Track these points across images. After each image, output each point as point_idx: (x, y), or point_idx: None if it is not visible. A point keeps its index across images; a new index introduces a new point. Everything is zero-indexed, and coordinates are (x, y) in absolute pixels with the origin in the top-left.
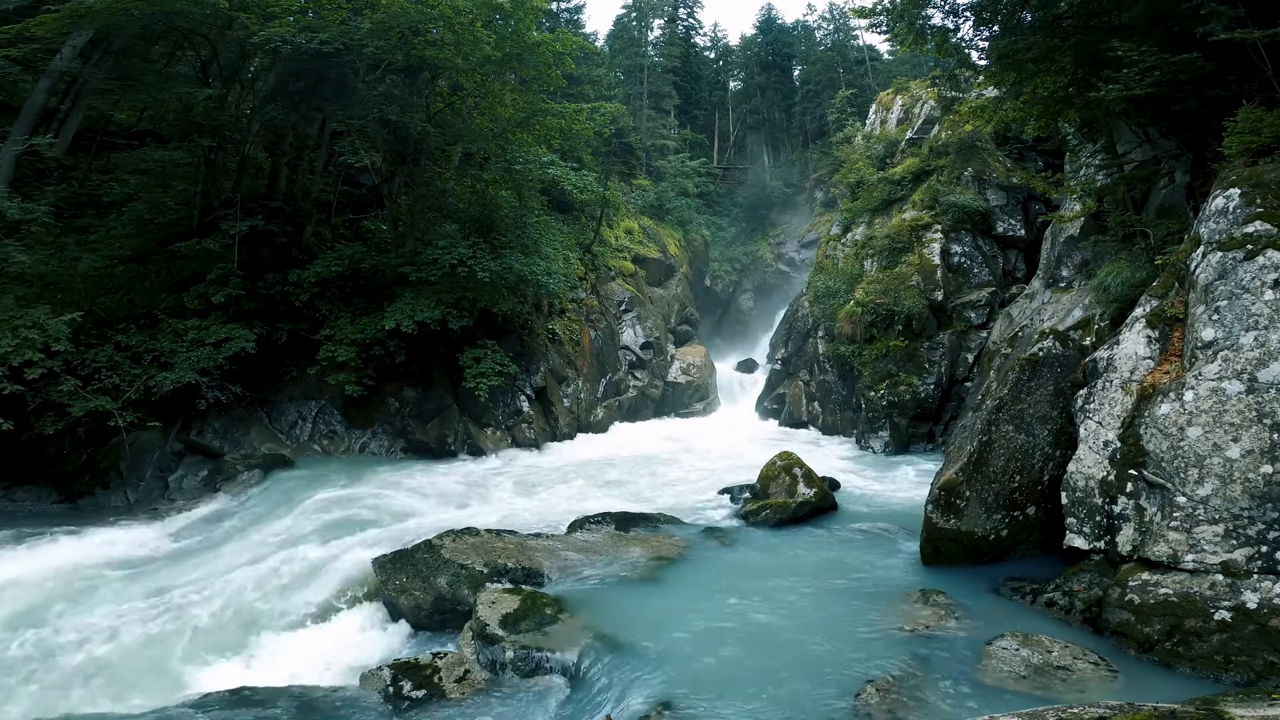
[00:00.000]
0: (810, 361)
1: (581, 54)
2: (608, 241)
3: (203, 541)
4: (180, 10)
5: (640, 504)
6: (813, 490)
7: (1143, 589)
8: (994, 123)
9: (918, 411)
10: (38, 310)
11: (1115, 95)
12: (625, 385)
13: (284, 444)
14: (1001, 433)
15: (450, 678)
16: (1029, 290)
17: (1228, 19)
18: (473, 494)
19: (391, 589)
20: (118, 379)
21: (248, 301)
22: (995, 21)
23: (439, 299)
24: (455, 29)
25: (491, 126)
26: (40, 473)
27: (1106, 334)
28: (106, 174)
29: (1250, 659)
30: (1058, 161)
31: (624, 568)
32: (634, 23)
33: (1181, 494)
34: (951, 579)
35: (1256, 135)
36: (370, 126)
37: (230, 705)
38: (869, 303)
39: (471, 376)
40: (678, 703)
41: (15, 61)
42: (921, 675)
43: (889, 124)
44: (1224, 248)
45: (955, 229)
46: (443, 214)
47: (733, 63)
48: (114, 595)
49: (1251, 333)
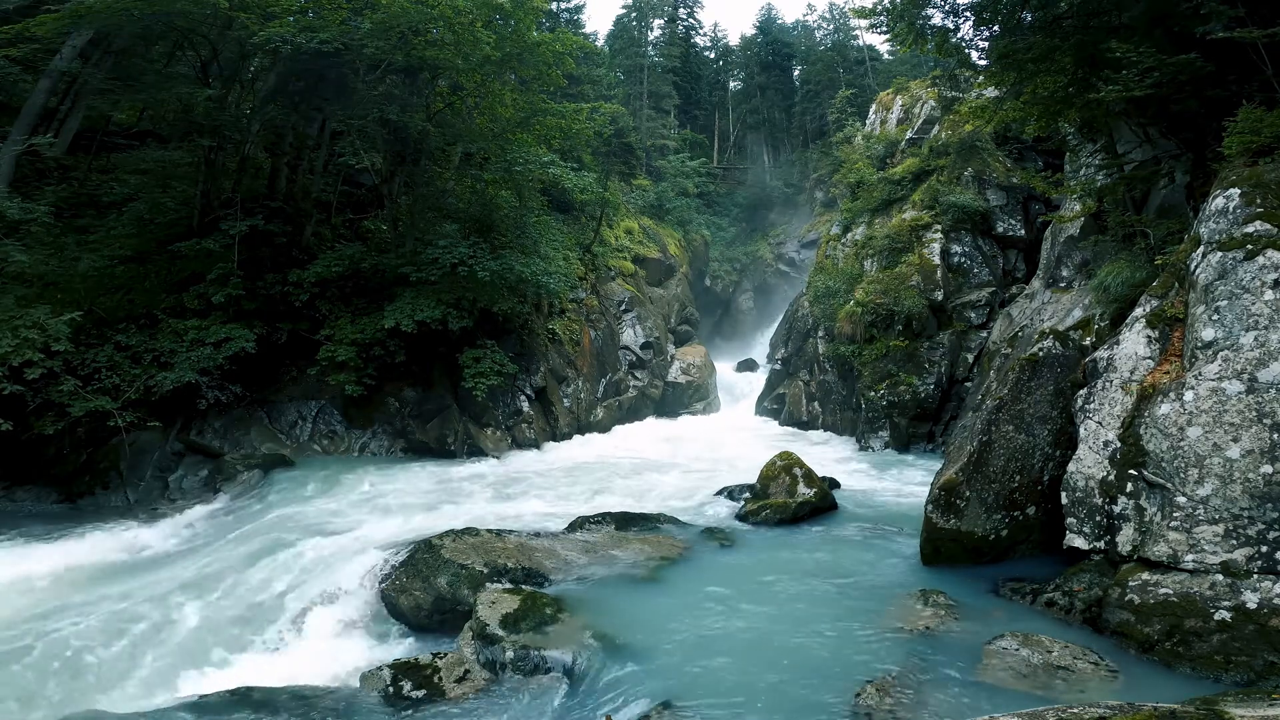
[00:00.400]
0: (810, 361)
1: (581, 54)
2: (608, 241)
3: (202, 542)
4: (180, 10)
5: (640, 504)
6: (813, 490)
7: (1143, 589)
8: (994, 123)
9: (918, 411)
10: (38, 310)
11: (1115, 96)
12: (625, 385)
13: (284, 444)
14: (1001, 433)
15: (450, 678)
16: (1029, 290)
17: (1227, 19)
18: (472, 493)
19: (391, 589)
20: (118, 379)
21: (248, 301)
22: (995, 21)
23: (439, 299)
24: (455, 29)
25: (491, 126)
26: (40, 473)
27: (1106, 334)
28: (106, 174)
29: (1250, 659)
30: (1058, 161)
31: (624, 568)
32: (634, 23)
33: (1181, 494)
34: (951, 579)
35: (1256, 135)
36: (370, 126)
37: (230, 705)
38: (869, 303)
39: (470, 376)
40: (677, 703)
41: (15, 61)
42: (921, 675)
43: (889, 124)
44: (1224, 248)
45: (955, 229)
46: (443, 214)
47: (733, 63)
48: (113, 595)
49: (1251, 333)
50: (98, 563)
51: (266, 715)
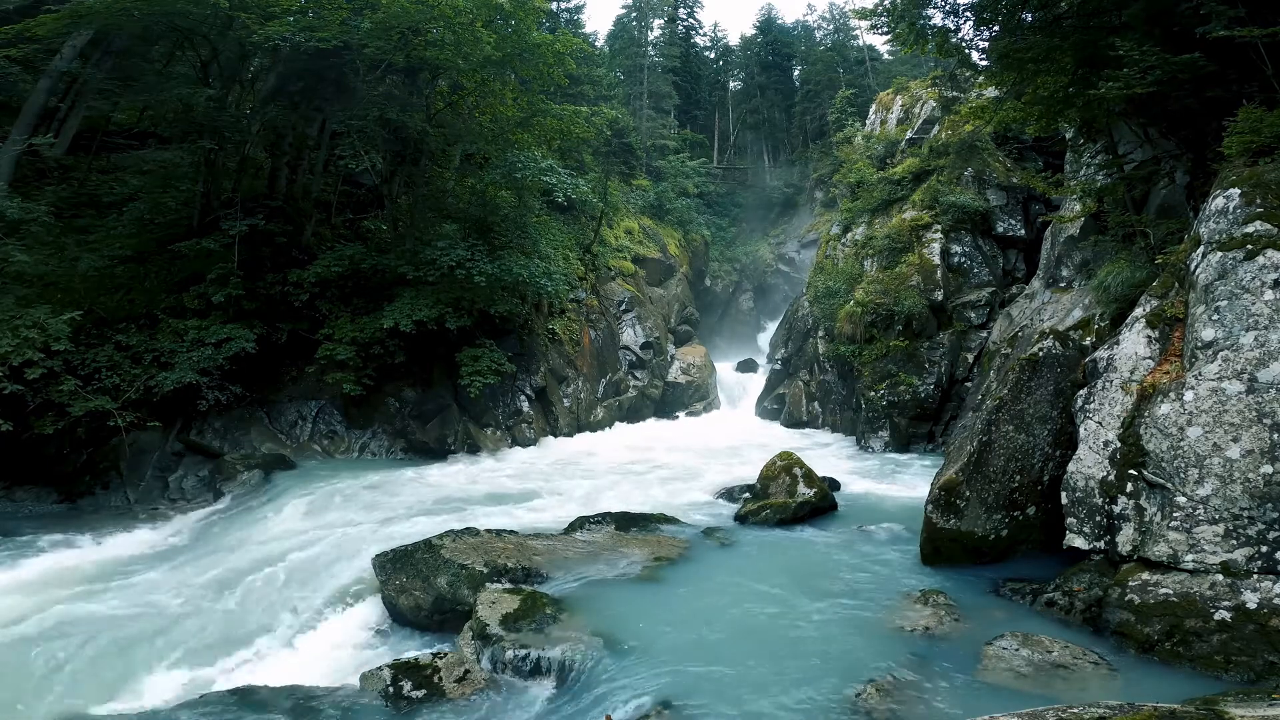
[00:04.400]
0: (810, 361)
1: (581, 54)
2: (608, 241)
3: (202, 542)
4: (180, 10)
5: (640, 504)
6: (813, 490)
7: (1143, 589)
8: (994, 123)
9: (918, 411)
10: (38, 310)
11: (1116, 94)
12: (625, 385)
13: (284, 444)
14: (1001, 433)
15: (450, 678)
16: (1029, 290)
17: (1227, 19)
18: (472, 493)
19: (391, 589)
20: (118, 379)
21: (248, 301)
22: (995, 21)
23: (437, 299)
24: (455, 29)
25: (492, 127)
26: (40, 473)
27: (1106, 334)
28: (106, 174)
29: (1250, 659)
30: (1058, 161)
31: (624, 568)
32: (634, 23)
33: (1181, 494)
34: (951, 579)
35: (1256, 135)
36: (370, 127)
37: (230, 705)
38: (869, 303)
39: (467, 374)
40: (677, 702)
41: (15, 61)
42: (921, 675)
43: (889, 124)
44: (1224, 248)
45: (955, 229)
46: (442, 214)
47: (733, 63)
48: (113, 596)
49: (1251, 333)
50: (97, 563)
51: (266, 715)
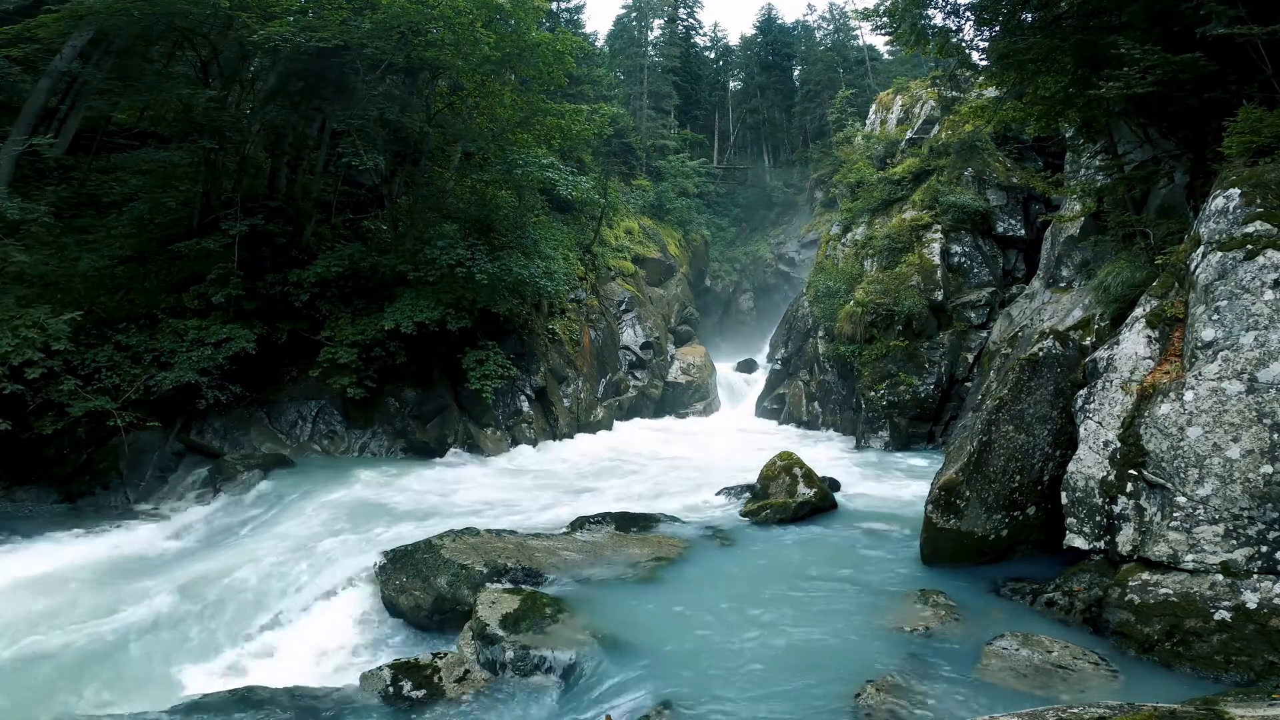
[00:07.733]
0: (810, 361)
1: (581, 54)
2: (608, 241)
3: (202, 542)
4: (180, 10)
5: (640, 504)
6: (812, 490)
7: (1143, 589)
8: (994, 123)
9: (918, 411)
10: (38, 310)
11: (1116, 93)
12: (625, 385)
13: (284, 444)
14: (1001, 433)
15: (450, 678)
16: (1029, 290)
17: (1228, 18)
18: (472, 493)
19: (391, 589)
20: (118, 379)
21: (248, 301)
22: (995, 22)
23: (438, 299)
24: (455, 29)
25: (491, 126)
26: (40, 473)
27: (1106, 334)
28: (106, 174)
29: (1250, 659)
30: (1058, 161)
31: (624, 568)
32: (634, 23)
33: (1181, 494)
34: (951, 579)
35: (1256, 135)
36: (370, 126)
37: (230, 706)
38: (869, 303)
39: (476, 379)
40: (678, 702)
41: (15, 61)
42: (921, 675)
43: (889, 124)
44: (1224, 248)
45: (955, 229)
46: (443, 214)
47: (733, 63)
48: (112, 595)
49: (1251, 333)
50: (96, 563)
51: (266, 715)
